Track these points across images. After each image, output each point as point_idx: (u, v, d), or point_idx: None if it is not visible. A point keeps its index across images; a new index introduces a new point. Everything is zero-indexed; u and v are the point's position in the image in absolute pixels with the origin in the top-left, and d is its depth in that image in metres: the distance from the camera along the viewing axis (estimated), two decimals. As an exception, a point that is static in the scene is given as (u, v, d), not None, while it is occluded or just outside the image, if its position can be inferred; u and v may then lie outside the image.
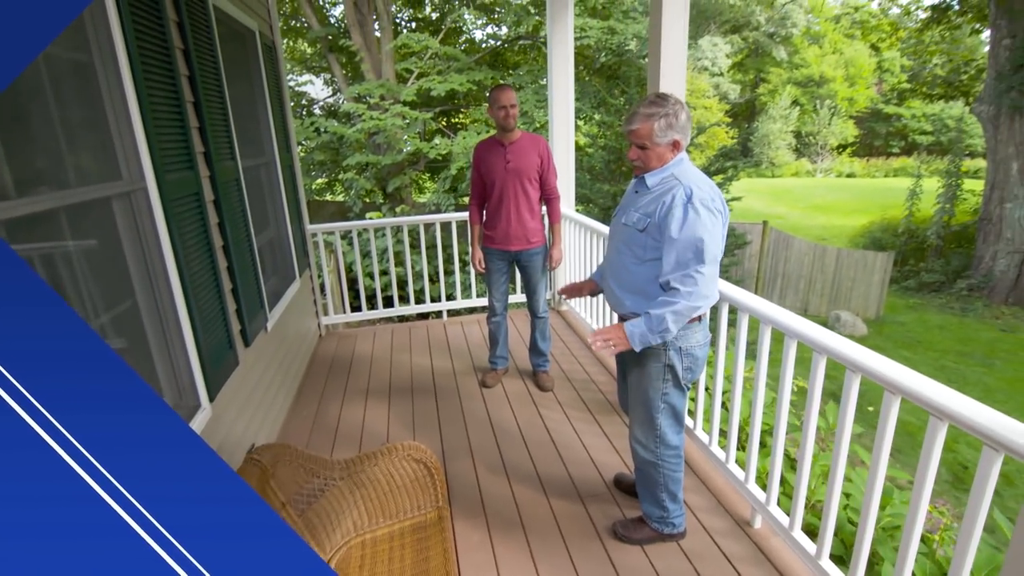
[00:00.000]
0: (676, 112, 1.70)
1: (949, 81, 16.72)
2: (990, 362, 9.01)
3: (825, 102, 29.63)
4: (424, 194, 12.58)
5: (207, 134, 2.21)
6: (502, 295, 3.24)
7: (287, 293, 3.39)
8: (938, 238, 12.57)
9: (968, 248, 12.01)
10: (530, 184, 2.99)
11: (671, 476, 1.98)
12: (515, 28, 9.79)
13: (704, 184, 1.70)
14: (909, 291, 12.09)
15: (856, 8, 29.63)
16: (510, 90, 2.88)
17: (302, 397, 3.36)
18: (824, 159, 30.01)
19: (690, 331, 1.79)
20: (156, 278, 1.79)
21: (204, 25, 2.31)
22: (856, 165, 29.52)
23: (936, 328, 10.33)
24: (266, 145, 3.35)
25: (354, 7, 9.49)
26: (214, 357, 2.07)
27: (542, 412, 3.06)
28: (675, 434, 1.94)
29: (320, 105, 12.21)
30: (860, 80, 30.61)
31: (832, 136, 29.97)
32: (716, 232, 1.65)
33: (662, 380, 1.85)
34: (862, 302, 10.64)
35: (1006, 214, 10.73)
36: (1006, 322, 10.36)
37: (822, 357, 1.76)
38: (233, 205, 2.47)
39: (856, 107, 30.50)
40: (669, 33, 2.40)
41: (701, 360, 1.86)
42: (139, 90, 1.67)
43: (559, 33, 4.00)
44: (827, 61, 30.42)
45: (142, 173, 1.70)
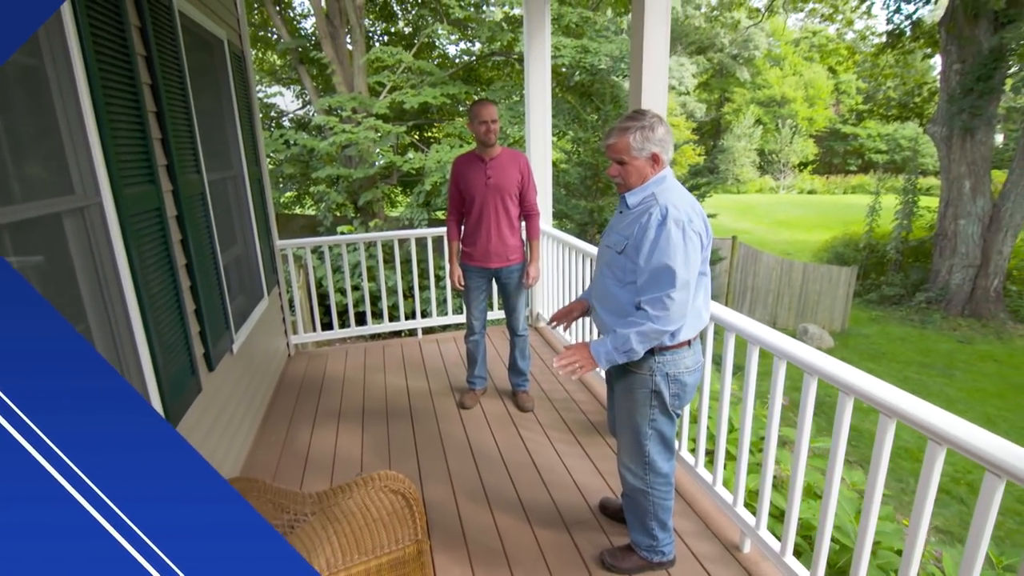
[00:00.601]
0: (652, 125, 1.65)
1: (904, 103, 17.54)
2: (950, 373, 9.32)
3: (787, 121, 30.77)
4: (396, 208, 12.44)
5: (170, 146, 2.08)
6: (481, 313, 3.16)
7: (254, 312, 3.23)
8: (897, 253, 13.03)
9: (925, 262, 12.48)
10: (511, 200, 2.93)
11: (661, 504, 1.91)
12: (489, 44, 9.82)
13: (682, 203, 1.62)
14: (871, 304, 12.48)
15: (814, 32, 30.92)
16: (491, 105, 2.84)
17: (270, 422, 3.19)
18: (786, 176, 31.06)
19: (678, 356, 1.73)
20: (111, 301, 1.65)
21: (169, 32, 2.19)
22: (817, 182, 30.64)
23: (898, 340, 10.66)
24: (234, 158, 3.21)
25: (326, 19, 9.38)
26: (174, 385, 1.92)
27: (523, 434, 2.97)
28: (665, 461, 1.87)
29: (289, 117, 11.99)
30: (819, 101, 31.93)
31: (793, 154, 31.09)
32: (692, 255, 1.59)
33: (648, 406, 1.78)
34: (828, 315, 10.91)
35: (960, 230, 11.20)
36: (963, 334, 10.76)
37: (813, 378, 1.73)
38: (197, 221, 2.33)
39: (816, 127, 31.76)
40: (650, 51, 2.39)
41: (691, 387, 1.80)
42: (96, 97, 1.55)
43: (536, 50, 3.99)
44: (788, 82, 31.64)
45: (97, 187, 1.57)
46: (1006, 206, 10.81)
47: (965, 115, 10.75)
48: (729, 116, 30.82)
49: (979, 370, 9.43)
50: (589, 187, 6.28)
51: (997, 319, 10.94)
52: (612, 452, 2.78)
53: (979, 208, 11.05)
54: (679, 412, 1.85)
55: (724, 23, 27.74)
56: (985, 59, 10.44)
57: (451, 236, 3.10)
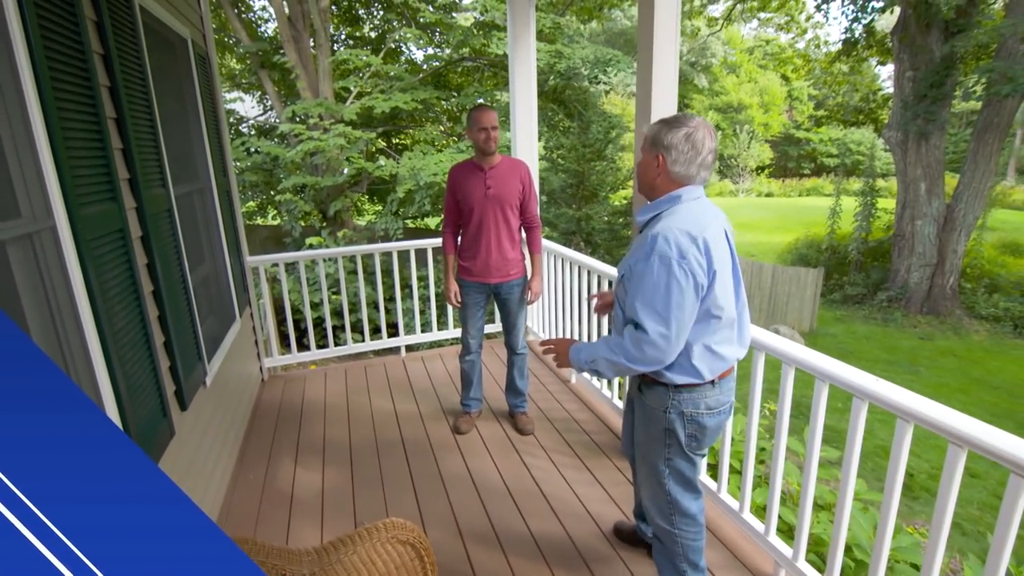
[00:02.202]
0: (677, 126, 1.44)
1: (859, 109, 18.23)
2: (915, 369, 9.60)
3: (744, 127, 31.65)
4: (363, 216, 12.09)
5: (133, 157, 1.82)
6: (478, 331, 2.96)
7: (227, 337, 2.95)
8: (858, 253, 13.45)
9: (884, 262, 12.91)
10: (511, 212, 2.76)
11: (691, 546, 1.72)
12: (457, 50, 9.63)
13: (678, 234, 1.38)
14: (835, 304, 12.81)
15: (767, 41, 31.98)
16: (492, 111, 2.66)
17: (247, 457, 2.90)
18: (745, 180, 31.94)
19: (697, 395, 1.54)
20: (68, 343, 1.39)
21: (129, 27, 1.92)
22: (773, 185, 31.63)
23: (863, 338, 10.95)
24: (200, 169, 2.93)
25: (288, 23, 9.01)
26: (145, 434, 1.66)
27: (526, 460, 2.78)
28: (691, 501, 1.68)
29: (250, 124, 11.49)
30: (773, 107, 33.01)
31: (751, 158, 32.02)
32: (676, 299, 1.38)
33: (663, 444, 1.61)
34: (797, 316, 11.13)
35: (917, 231, 11.62)
36: (923, 330, 11.15)
37: (863, 403, 1.62)
38: (165, 241, 2.07)
39: (771, 132, 32.81)
40: (660, 52, 2.25)
41: (711, 430, 1.59)
42: (46, 100, 1.30)
43: (521, 53, 3.84)
44: (744, 89, 32.59)
45: (49, 208, 1.32)
46: (959, 207, 11.27)
47: (920, 120, 11.17)
48: (689, 122, 31.44)
49: (941, 366, 9.75)
50: (573, 195, 6.17)
51: (954, 316, 11.38)
52: (622, 475, 2.62)
53: (934, 209, 11.49)
54: (699, 454, 1.63)
55: (683, 31, 28.36)
56: (937, 67, 10.89)
57: (447, 249, 2.91)
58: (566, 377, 3.69)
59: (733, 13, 19.31)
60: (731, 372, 1.61)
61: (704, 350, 1.49)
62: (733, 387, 1.63)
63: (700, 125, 1.45)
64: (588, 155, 6.46)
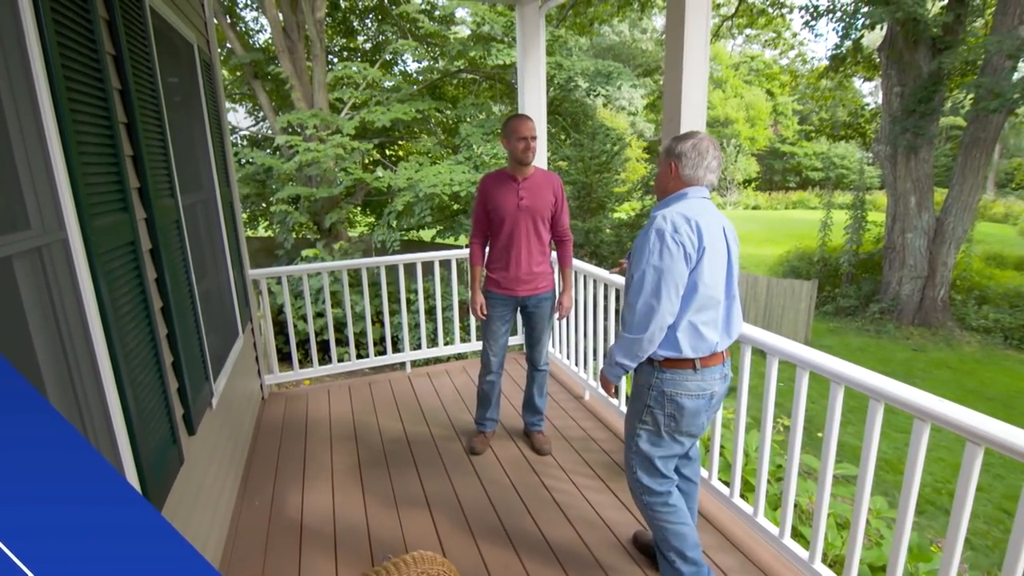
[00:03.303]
0: (687, 137, 1.69)
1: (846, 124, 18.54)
2: (911, 381, 9.51)
3: (731, 141, 32.07)
4: (356, 228, 11.94)
5: (143, 164, 1.70)
6: (501, 348, 2.85)
7: (231, 355, 2.81)
8: (849, 266, 13.56)
9: (876, 275, 13.02)
10: (543, 224, 2.68)
11: (671, 530, 1.79)
12: (453, 61, 9.60)
13: (675, 215, 1.60)
14: (828, 315, 12.88)
15: (752, 57, 32.56)
16: (530, 120, 2.58)
17: (251, 480, 2.75)
18: (732, 193, 32.31)
19: (678, 376, 1.68)
20: (78, 366, 1.27)
21: (140, 28, 1.82)
22: (760, 198, 32.03)
23: (858, 350, 10.98)
24: (205, 178, 2.81)
25: (283, 33, 8.92)
26: (156, 463, 1.53)
27: (546, 482, 2.67)
28: (653, 480, 1.80)
29: (243, 135, 11.34)
30: (759, 122, 33.52)
31: (738, 172, 32.41)
32: (668, 264, 1.57)
33: (639, 420, 1.77)
34: (792, 328, 11.14)
35: (908, 243, 11.74)
36: (916, 342, 11.22)
37: (880, 404, 1.66)
38: (174, 255, 1.95)
39: (757, 146, 33.29)
40: (690, 62, 2.19)
41: (690, 412, 1.70)
42: (59, 105, 1.19)
43: (531, 62, 3.77)
44: (730, 104, 33.07)
45: (61, 219, 1.20)
46: (949, 219, 11.42)
47: (908, 135, 11.34)
48: (678, 135, 31.81)
49: (936, 377, 9.80)
50: (580, 206, 6.11)
51: (945, 327, 11.47)
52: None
53: (924, 222, 11.64)
54: (678, 438, 1.75)
55: (670, 47, 28.67)
56: (925, 82, 11.08)
57: (474, 260, 2.82)
58: (579, 393, 3.59)
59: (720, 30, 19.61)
60: (717, 363, 1.70)
61: (688, 325, 1.63)
62: (719, 378, 1.71)
63: (705, 138, 1.69)
64: (595, 167, 6.42)
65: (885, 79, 12.11)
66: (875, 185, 20.07)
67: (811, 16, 13.42)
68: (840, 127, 18.81)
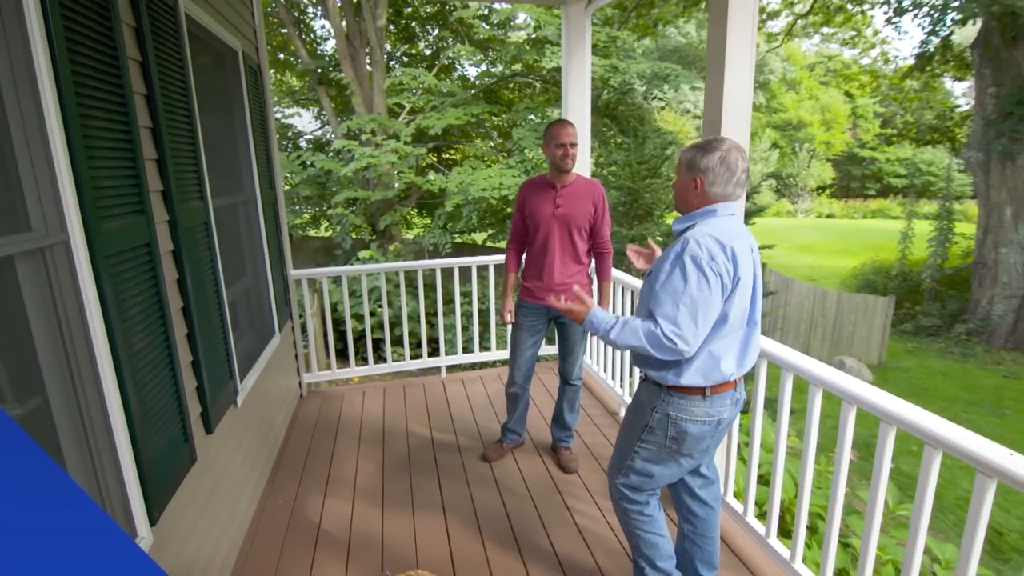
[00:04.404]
0: (712, 149, 1.53)
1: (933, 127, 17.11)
2: (1000, 411, 8.71)
3: (803, 145, 30.42)
4: (412, 230, 12.17)
5: (167, 168, 1.74)
6: (527, 360, 2.76)
7: (264, 353, 2.87)
8: (932, 281, 12.49)
9: (963, 291, 11.91)
10: (578, 235, 2.57)
11: (642, 537, 1.76)
12: (510, 65, 9.60)
13: (709, 240, 1.47)
14: (907, 335, 11.89)
15: (830, 57, 30.79)
16: (571, 126, 2.49)
17: (278, 479, 2.80)
18: (804, 200, 30.62)
19: (686, 402, 1.57)
20: (78, 365, 1.29)
21: (172, 35, 1.87)
22: (835, 206, 30.18)
23: (939, 374, 10.06)
24: (246, 180, 2.89)
25: (346, 40, 9.23)
26: (161, 463, 1.54)
27: (568, 502, 2.55)
28: (634, 491, 1.74)
29: (307, 138, 11.84)
30: (836, 125, 31.62)
31: (811, 178, 30.69)
32: (704, 295, 1.44)
33: (637, 440, 1.68)
34: (864, 347, 10.37)
35: (1001, 259, 10.66)
36: (1008, 368, 10.15)
37: (937, 452, 1.44)
38: (199, 256, 1.98)
39: (833, 151, 31.41)
40: (732, 66, 2.02)
41: (694, 437, 1.59)
42: (66, 108, 1.21)
43: (576, 64, 3.67)
44: (804, 106, 31.41)
45: (63, 221, 1.22)
46: (1051, 234, 10.28)
47: (1004, 139, 10.31)
48: (745, 140, 30.56)
49: (1032, 409, 8.81)
50: (627, 212, 5.94)
51: (1045, 353, 10.32)
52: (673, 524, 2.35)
53: (1021, 236, 10.53)
54: (679, 460, 1.65)
55: (740, 47, 27.60)
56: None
57: (509, 267, 2.78)
58: (614, 409, 3.43)
59: (794, 28, 18.63)
60: (727, 390, 1.59)
61: (707, 355, 1.53)
62: (729, 404, 1.60)
63: (732, 148, 1.54)
64: (643, 172, 6.21)
65: (978, 79, 11.07)
66: (965, 194, 18.38)
67: (894, 12, 12.48)
68: (925, 131, 17.35)
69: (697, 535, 1.80)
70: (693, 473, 1.78)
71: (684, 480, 1.79)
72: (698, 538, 1.81)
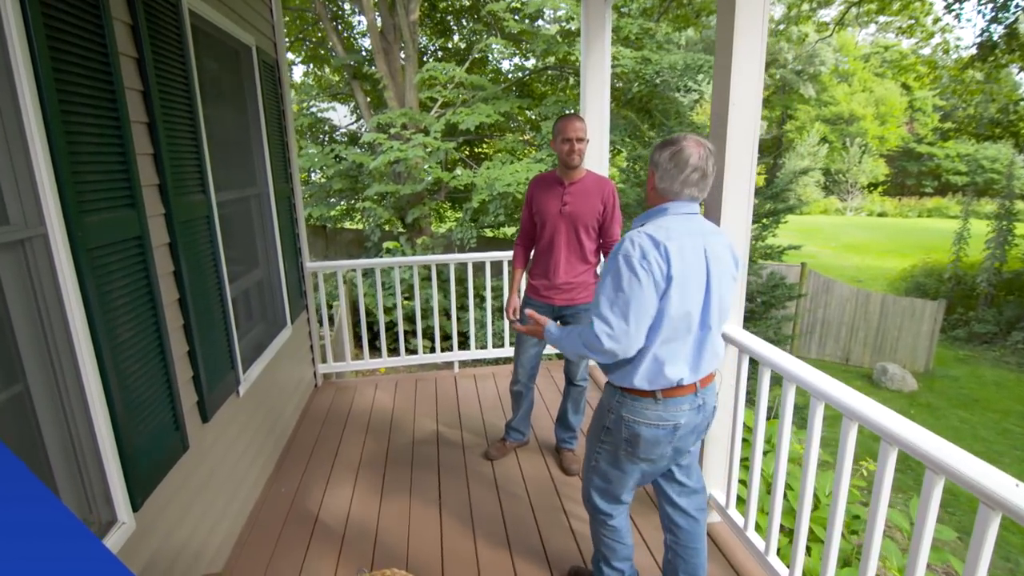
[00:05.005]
0: (665, 146, 1.52)
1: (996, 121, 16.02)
2: (1058, 427, 8.14)
3: (855, 140, 29.04)
4: (445, 223, 12.24)
5: (164, 163, 1.78)
6: (531, 359, 2.73)
7: (273, 343, 2.93)
8: (989, 285, 11.74)
9: (1022, 298, 11.17)
10: (585, 233, 2.52)
11: (602, 540, 1.82)
12: (543, 59, 9.50)
13: (643, 238, 1.45)
14: (958, 342, 11.24)
15: (886, 47, 29.23)
16: (579, 120, 2.43)
17: (285, 466, 2.86)
18: (854, 197, 29.30)
19: (638, 404, 1.55)
20: (58, 355, 1.33)
21: (172, 33, 1.91)
22: (888, 204, 28.76)
23: (992, 385, 9.47)
24: (259, 174, 2.95)
25: (380, 35, 9.33)
26: (146, 450, 1.58)
27: (566, 505, 2.50)
28: (603, 500, 1.76)
29: (342, 132, 12.06)
30: (891, 119, 30.03)
31: (862, 174, 29.29)
32: (636, 292, 1.42)
33: (598, 440, 1.69)
34: (909, 353, 9.85)
35: (1067, 263, 9.93)
36: (1070, 381, 9.46)
37: (893, 449, 1.32)
38: (197, 249, 2.03)
39: (887, 145, 29.87)
40: (740, 63, 1.92)
41: (647, 441, 1.55)
42: (46, 105, 1.24)
43: (595, 59, 3.58)
44: (856, 99, 29.95)
45: (41, 215, 1.26)
46: (1126, 237, 9.50)
47: (1075, 134, 9.56)
48: (792, 134, 29.43)
49: (1094, 425, 8.19)
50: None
51: (1113, 365, 9.57)
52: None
53: (1091, 239, 9.77)
54: (636, 463, 1.61)
55: (789, 38, 26.58)
56: (1101, 72, 9.27)
57: (516, 263, 2.75)
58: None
59: (847, 17, 17.75)
60: (685, 393, 1.54)
61: (652, 358, 1.50)
62: (687, 409, 1.55)
63: (689, 145, 1.49)
64: (667, 168, 6.04)
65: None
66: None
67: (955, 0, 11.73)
68: (987, 125, 16.26)
69: (680, 546, 1.75)
70: (669, 480, 1.73)
71: (662, 487, 1.75)
72: (681, 549, 1.74)
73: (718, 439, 2.25)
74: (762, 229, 6.27)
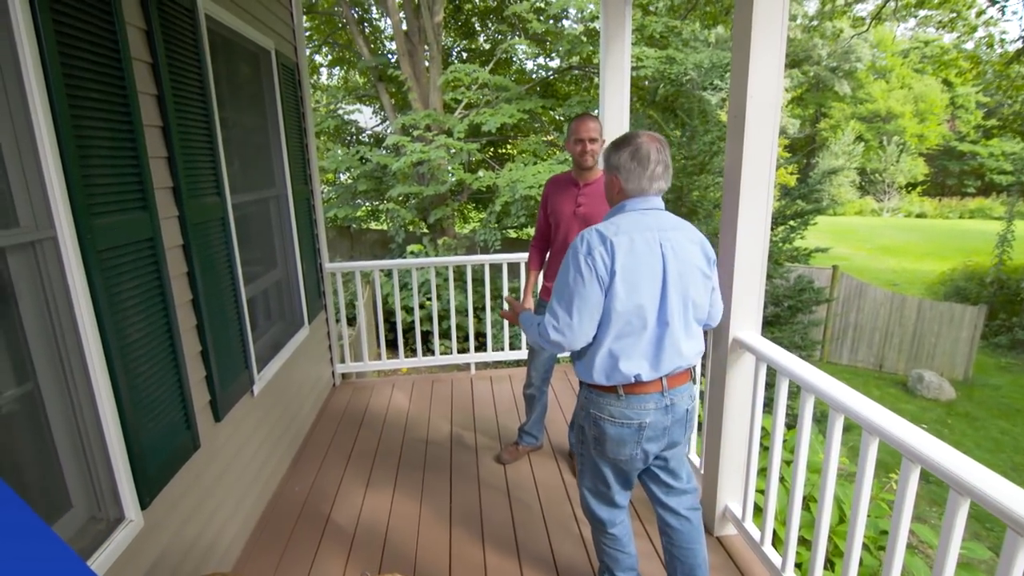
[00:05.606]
0: (620, 145, 1.54)
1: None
2: (1109, 440, 7.70)
3: (893, 138, 28.09)
4: (469, 223, 12.27)
5: (177, 165, 1.81)
6: (545, 361, 2.70)
7: (290, 344, 2.96)
8: (1035, 290, 11.20)
9: (1072, 303, 10.62)
10: None
11: (604, 550, 1.80)
12: (567, 59, 9.44)
13: (592, 233, 1.48)
14: (1000, 349, 10.75)
15: (926, 42, 28.18)
16: (592, 120, 2.39)
17: (300, 464, 2.88)
18: (891, 198, 28.35)
19: (601, 399, 1.56)
20: (67, 355, 1.36)
21: (188, 37, 1.93)
22: (927, 205, 27.75)
23: (1036, 394, 9.03)
24: (277, 176, 2.98)
25: (405, 37, 9.40)
26: (155, 448, 1.61)
27: (577, 514, 2.46)
28: (599, 504, 1.73)
29: (367, 134, 12.20)
30: (931, 116, 28.94)
31: (900, 174, 28.32)
32: (579, 288, 1.46)
33: (580, 442, 1.71)
34: (947, 360, 9.46)
35: (1121, 267, 9.39)
36: (1123, 392, 8.95)
37: (964, 500, 1.16)
38: (212, 250, 2.06)
39: (927, 144, 28.79)
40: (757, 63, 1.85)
41: (613, 440, 1.55)
42: (56, 108, 1.27)
43: (614, 58, 3.52)
44: (894, 96, 28.97)
45: (51, 218, 1.28)
46: None
47: None
48: (826, 132, 28.64)
49: None
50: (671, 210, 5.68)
51: None
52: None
53: None
54: (614, 463, 1.61)
55: (823, 34, 25.85)
56: None
57: (531, 264, 2.72)
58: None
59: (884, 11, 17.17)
60: (649, 391, 1.53)
61: (607, 352, 1.51)
62: (652, 408, 1.53)
63: (644, 142, 1.51)
64: (690, 168, 5.91)
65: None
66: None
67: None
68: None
69: (675, 547, 1.72)
70: (654, 480, 1.70)
71: (650, 488, 1.73)
72: (676, 550, 1.72)
73: (734, 448, 2.18)
74: (789, 231, 6.09)
